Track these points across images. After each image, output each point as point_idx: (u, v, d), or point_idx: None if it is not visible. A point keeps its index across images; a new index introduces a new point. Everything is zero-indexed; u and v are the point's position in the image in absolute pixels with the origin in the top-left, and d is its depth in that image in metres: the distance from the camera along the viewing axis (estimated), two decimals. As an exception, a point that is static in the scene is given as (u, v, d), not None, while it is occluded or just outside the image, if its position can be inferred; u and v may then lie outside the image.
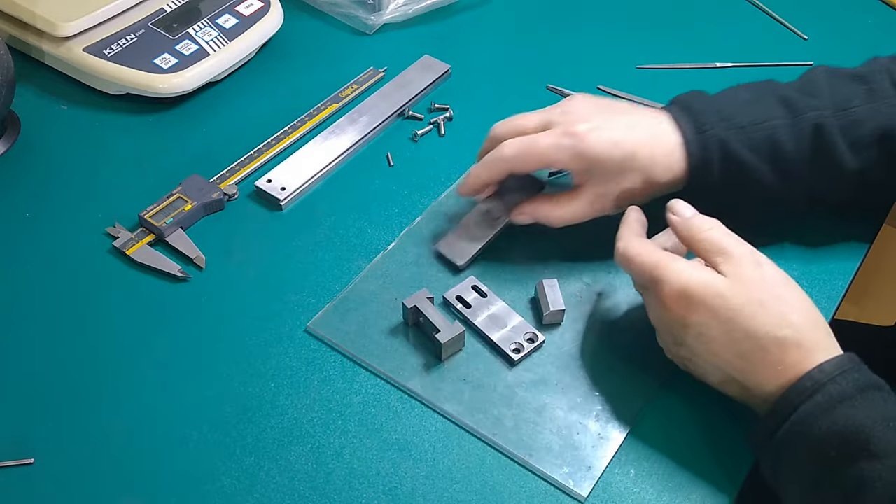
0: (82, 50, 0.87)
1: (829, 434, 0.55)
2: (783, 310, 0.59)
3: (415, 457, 0.63)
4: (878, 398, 0.56)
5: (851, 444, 0.54)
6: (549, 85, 0.91)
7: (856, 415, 0.55)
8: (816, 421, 0.56)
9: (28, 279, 0.74)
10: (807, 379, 0.57)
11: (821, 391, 0.56)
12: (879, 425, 0.54)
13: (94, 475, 0.62)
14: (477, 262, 0.74)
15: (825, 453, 0.55)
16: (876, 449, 0.53)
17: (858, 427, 0.54)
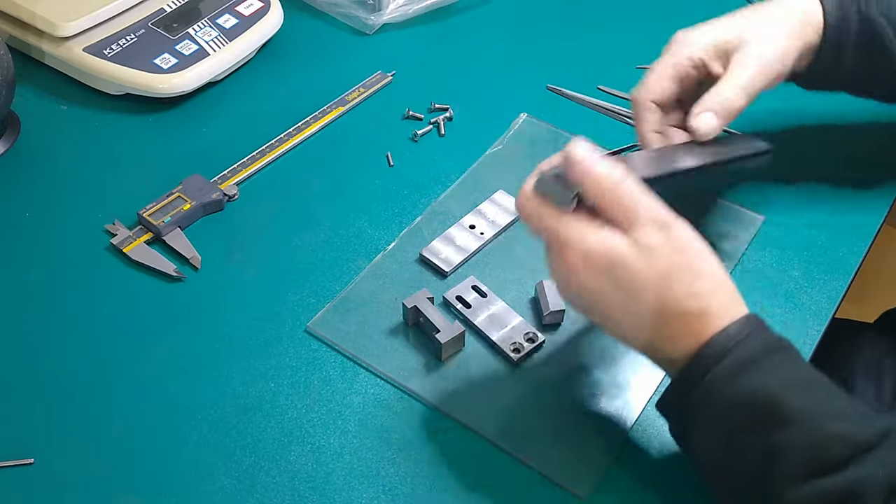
0: (82, 50, 0.87)
1: (737, 401, 0.54)
2: (689, 279, 0.56)
3: (415, 457, 0.63)
4: (785, 360, 0.55)
5: (761, 411, 0.53)
6: (549, 85, 0.91)
7: (763, 380, 0.54)
8: (724, 388, 0.54)
9: (28, 279, 0.74)
10: (713, 344, 0.55)
11: (727, 356, 0.54)
12: (788, 390, 0.53)
13: (94, 475, 0.62)
14: (477, 263, 0.74)
15: (735, 421, 0.54)
16: (785, 415, 0.52)
17: (766, 393, 0.53)
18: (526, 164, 0.82)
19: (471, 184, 0.81)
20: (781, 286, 0.73)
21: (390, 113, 0.88)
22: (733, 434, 0.54)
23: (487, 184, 0.80)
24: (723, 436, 0.55)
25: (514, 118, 0.87)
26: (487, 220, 0.77)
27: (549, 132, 0.86)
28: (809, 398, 0.53)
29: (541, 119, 0.87)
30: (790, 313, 0.71)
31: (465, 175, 0.82)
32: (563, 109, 0.88)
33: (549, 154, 0.83)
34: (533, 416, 0.65)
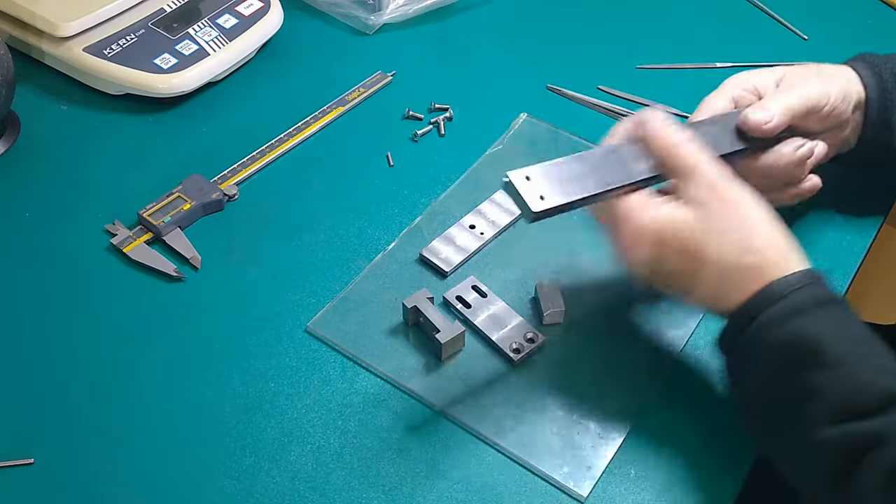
0: (82, 50, 0.87)
1: (784, 342, 0.57)
2: (744, 235, 0.60)
3: (415, 457, 0.63)
4: (836, 313, 0.58)
5: (805, 353, 0.56)
6: (549, 85, 0.91)
7: (810, 326, 0.57)
8: (774, 329, 0.57)
9: (28, 279, 0.74)
10: (768, 290, 0.58)
11: (779, 302, 0.58)
12: (833, 338, 0.56)
13: (94, 475, 0.62)
14: (477, 263, 0.74)
15: (780, 360, 0.57)
16: (827, 359, 0.55)
17: (812, 337, 0.56)
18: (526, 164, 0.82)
19: (471, 184, 0.81)
20: (781, 286, 0.73)
21: (390, 113, 0.88)
22: (777, 372, 0.57)
23: (487, 184, 0.80)
24: (768, 373, 0.58)
25: (514, 118, 0.87)
26: (487, 220, 0.77)
27: (549, 132, 0.86)
28: (852, 349, 0.56)
29: (541, 119, 0.87)
30: (790, 313, 0.71)
31: (465, 175, 0.82)
32: (563, 109, 0.88)
33: (549, 154, 0.83)
34: (533, 416, 0.65)
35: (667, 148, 0.62)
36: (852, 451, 0.53)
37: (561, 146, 0.84)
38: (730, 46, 0.96)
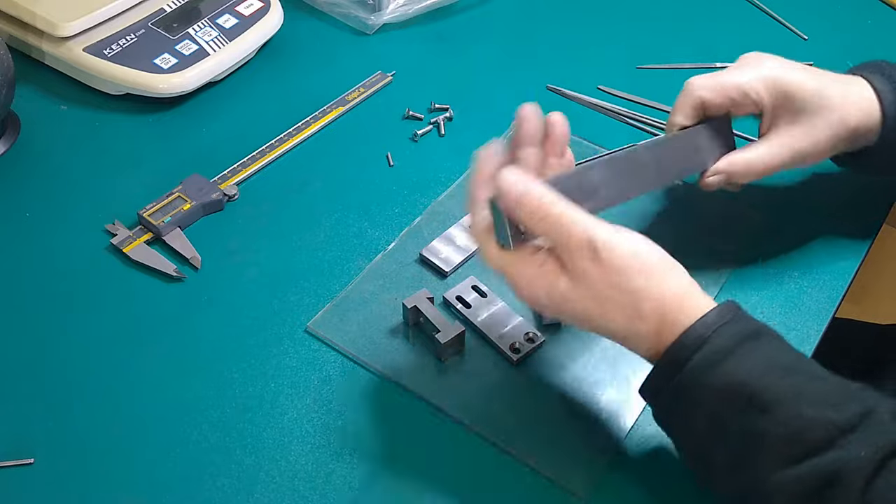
0: (82, 50, 0.87)
1: (715, 391, 0.54)
2: (632, 300, 0.56)
3: (415, 457, 0.63)
4: (761, 346, 0.55)
5: (739, 400, 0.53)
6: (549, 85, 0.91)
7: (739, 368, 0.54)
8: (702, 378, 0.54)
9: (28, 279, 0.74)
10: (683, 340, 0.55)
11: (700, 350, 0.54)
12: (764, 377, 0.53)
13: (94, 475, 0.62)
14: (477, 262, 0.74)
15: (714, 409, 0.54)
16: (763, 402, 0.52)
17: (743, 382, 0.53)
18: (526, 164, 0.82)
19: (471, 184, 0.81)
20: (781, 286, 0.73)
21: (390, 113, 0.88)
22: (713, 422, 0.54)
23: (487, 184, 0.80)
24: (703, 424, 0.55)
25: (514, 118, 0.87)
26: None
27: (549, 132, 0.86)
28: (787, 384, 0.53)
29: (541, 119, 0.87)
30: (790, 313, 0.71)
31: (465, 175, 0.82)
32: (563, 109, 0.88)
33: (549, 154, 0.83)
34: (533, 416, 0.65)
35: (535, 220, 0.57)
36: (809, 492, 0.50)
37: (561, 146, 0.84)
38: (730, 46, 0.96)
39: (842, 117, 0.67)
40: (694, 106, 0.69)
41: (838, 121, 0.67)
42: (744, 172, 0.69)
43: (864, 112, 0.68)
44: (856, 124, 0.68)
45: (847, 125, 0.68)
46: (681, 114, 0.69)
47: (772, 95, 0.68)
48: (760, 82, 0.68)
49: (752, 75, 0.68)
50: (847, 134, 0.68)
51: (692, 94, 0.68)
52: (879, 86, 0.68)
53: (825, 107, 0.67)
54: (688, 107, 0.69)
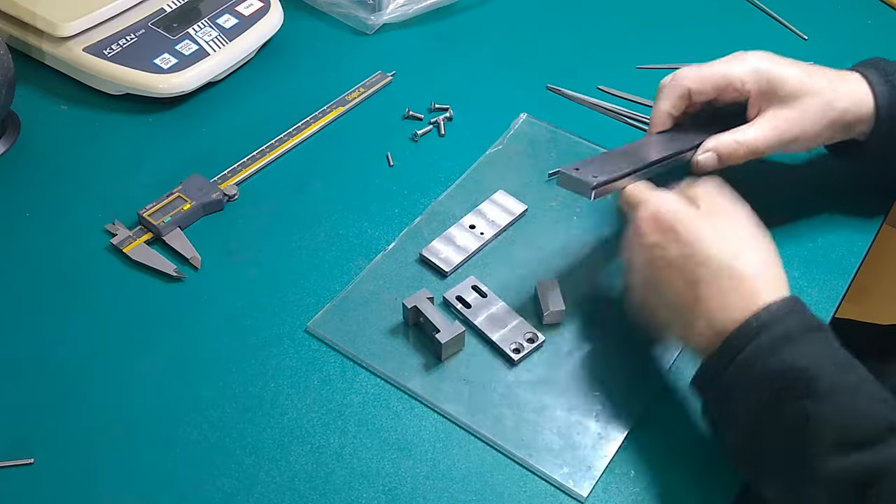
0: (82, 50, 0.87)
1: (774, 372, 0.55)
2: (741, 245, 0.61)
3: (415, 457, 0.63)
4: (822, 339, 0.57)
5: (798, 384, 0.55)
6: (548, 85, 0.91)
7: (801, 354, 0.56)
8: (762, 360, 0.56)
9: (28, 279, 0.74)
10: (753, 319, 0.57)
11: (766, 331, 0.56)
12: (823, 366, 0.55)
13: (94, 475, 0.62)
14: (477, 262, 0.74)
15: (772, 392, 0.55)
16: (820, 388, 0.54)
17: (803, 366, 0.55)
18: (526, 164, 0.82)
19: (471, 184, 0.81)
20: (781, 286, 0.73)
21: (390, 113, 0.88)
22: (770, 405, 0.55)
23: (487, 184, 0.80)
24: (759, 406, 0.56)
25: (514, 118, 0.87)
26: (487, 220, 0.77)
27: (549, 132, 0.86)
28: (845, 376, 0.55)
29: (541, 119, 0.87)
30: (790, 313, 0.71)
31: (465, 175, 0.82)
32: (563, 109, 0.88)
33: (549, 154, 0.84)
34: (533, 417, 0.65)
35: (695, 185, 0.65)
36: (854, 483, 0.52)
37: (561, 146, 0.84)
38: (730, 46, 0.96)
39: (828, 101, 0.69)
40: (681, 95, 0.72)
41: (825, 104, 0.69)
42: (732, 151, 0.71)
43: (854, 100, 0.70)
44: (844, 109, 0.70)
45: (835, 109, 0.69)
46: (667, 101, 0.72)
47: (757, 83, 0.70)
48: (745, 72, 0.70)
49: (737, 65, 0.71)
50: (836, 118, 0.70)
51: (679, 83, 0.71)
52: (873, 78, 0.71)
53: (811, 91, 0.69)
54: (675, 96, 0.72)
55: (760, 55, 0.71)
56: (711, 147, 0.71)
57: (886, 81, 0.70)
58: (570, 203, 0.79)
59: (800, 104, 0.69)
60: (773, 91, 0.69)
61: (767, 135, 0.70)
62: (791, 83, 0.69)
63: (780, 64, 0.70)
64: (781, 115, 0.69)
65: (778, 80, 0.69)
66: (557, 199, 0.79)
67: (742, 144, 0.70)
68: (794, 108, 0.69)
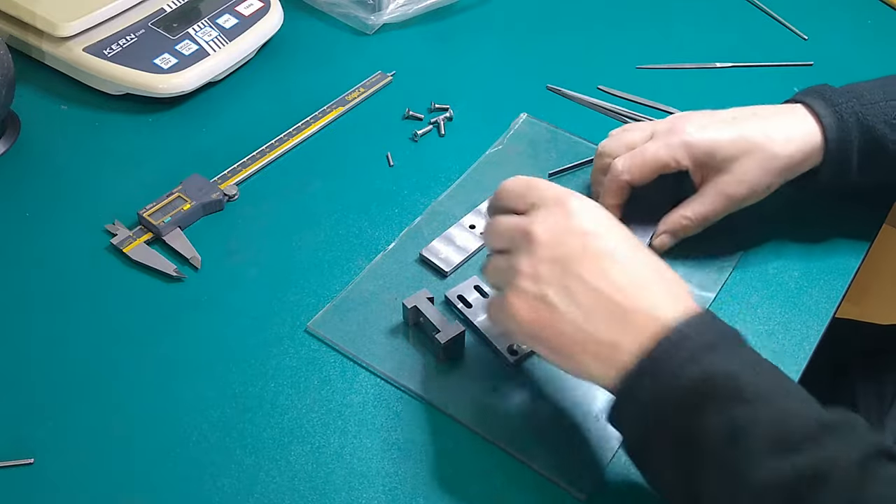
0: (82, 50, 0.87)
1: (698, 382, 0.52)
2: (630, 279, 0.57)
3: (415, 457, 0.63)
4: (741, 346, 0.55)
5: (723, 391, 0.52)
6: (548, 85, 0.91)
7: (722, 362, 0.53)
8: (683, 372, 0.53)
9: (28, 279, 0.74)
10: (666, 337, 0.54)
11: (685, 343, 0.53)
12: (749, 372, 0.53)
13: (94, 475, 0.62)
14: (477, 263, 0.74)
15: (696, 403, 0.52)
16: (748, 393, 0.51)
17: (727, 374, 0.52)
18: (526, 164, 0.82)
19: (471, 184, 0.81)
20: (781, 286, 0.73)
21: (390, 113, 0.88)
22: (695, 417, 0.52)
23: (487, 184, 0.80)
24: (684, 421, 0.53)
25: (514, 118, 0.87)
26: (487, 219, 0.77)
27: (549, 132, 0.86)
28: (769, 381, 0.53)
29: (541, 119, 0.87)
30: (790, 313, 0.71)
31: (465, 175, 0.82)
32: (563, 109, 0.88)
33: (549, 154, 0.84)
34: (533, 417, 0.65)
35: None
36: (790, 488, 0.49)
37: (561, 146, 0.84)
38: (730, 46, 0.96)
39: (768, 155, 0.69)
40: (621, 188, 0.72)
41: (765, 159, 0.69)
42: (684, 227, 0.72)
43: (798, 143, 0.69)
44: (789, 155, 0.69)
45: (778, 158, 0.69)
46: (611, 197, 0.73)
47: (692, 158, 0.70)
48: (677, 150, 0.70)
49: (668, 149, 0.71)
50: (782, 166, 0.70)
51: (617, 178, 0.72)
52: (819, 110, 0.70)
53: (747, 151, 0.69)
54: (616, 189, 0.73)
55: (693, 125, 0.71)
56: (663, 231, 0.73)
57: (834, 112, 0.70)
58: (570, 203, 0.79)
59: (739, 167, 0.69)
60: (709, 160, 0.70)
61: (715, 203, 0.71)
62: (724, 150, 0.69)
63: (709, 133, 0.70)
64: (723, 181, 0.70)
65: (711, 150, 0.70)
66: (557, 199, 0.79)
67: (692, 220, 0.72)
68: (735, 172, 0.70)
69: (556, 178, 0.80)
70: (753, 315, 0.71)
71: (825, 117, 0.70)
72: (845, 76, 0.75)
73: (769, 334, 0.70)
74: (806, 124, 0.70)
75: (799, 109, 0.71)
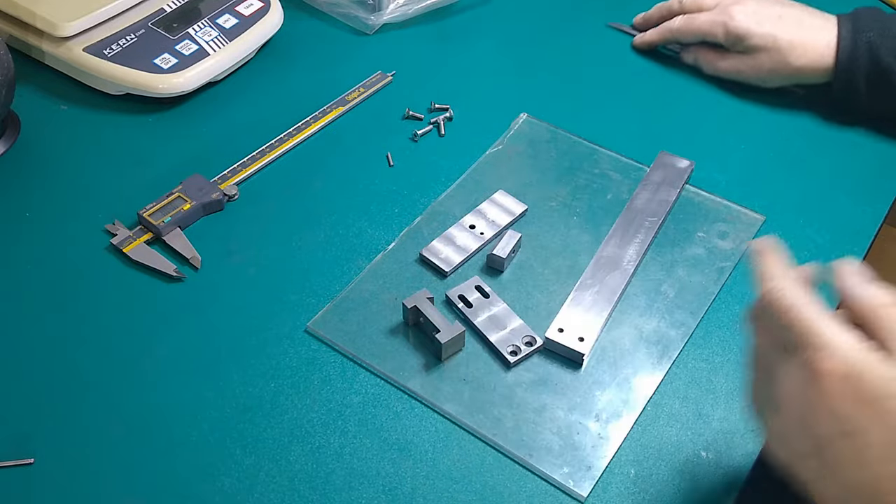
0: (82, 50, 0.87)
1: None
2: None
3: (415, 457, 0.63)
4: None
5: None
6: (610, 23, 0.96)
7: None
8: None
9: (27, 279, 0.74)
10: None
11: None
12: None
13: (94, 475, 0.62)
14: (477, 263, 0.74)
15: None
16: None
17: None
18: (526, 164, 0.83)
19: (471, 184, 0.81)
20: (781, 286, 0.73)
21: (390, 113, 0.88)
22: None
23: (487, 184, 0.80)
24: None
25: (514, 118, 0.87)
26: (487, 220, 0.77)
27: (549, 132, 0.86)
28: None
29: (541, 119, 0.87)
30: (790, 313, 0.71)
31: (465, 175, 0.82)
32: (563, 109, 0.88)
33: (549, 154, 0.84)
34: (533, 417, 0.65)
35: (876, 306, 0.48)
36: None
37: (561, 146, 0.84)
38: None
39: (785, 59, 0.83)
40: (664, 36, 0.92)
41: (780, 62, 0.83)
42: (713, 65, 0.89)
43: (812, 58, 0.82)
44: (800, 67, 0.83)
45: (790, 66, 0.83)
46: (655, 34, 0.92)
47: (726, 35, 0.86)
48: (719, 27, 0.86)
49: (711, 25, 0.87)
50: (791, 73, 0.84)
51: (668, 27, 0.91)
52: (844, 33, 0.81)
53: (769, 48, 0.83)
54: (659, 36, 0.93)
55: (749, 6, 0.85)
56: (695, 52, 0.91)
57: (853, 38, 0.80)
58: (569, 203, 0.79)
59: (756, 58, 0.85)
60: (737, 42, 0.85)
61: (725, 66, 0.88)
62: (752, 40, 0.84)
63: (755, 18, 0.84)
64: (741, 60, 0.86)
65: (742, 36, 0.84)
66: (557, 198, 0.79)
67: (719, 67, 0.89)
68: (750, 59, 0.85)
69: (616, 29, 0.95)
70: (753, 315, 0.71)
71: (844, 40, 0.80)
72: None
73: (769, 334, 0.70)
74: (827, 43, 0.82)
75: (830, 28, 0.82)
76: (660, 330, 0.70)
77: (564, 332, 0.68)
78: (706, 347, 0.69)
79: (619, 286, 0.71)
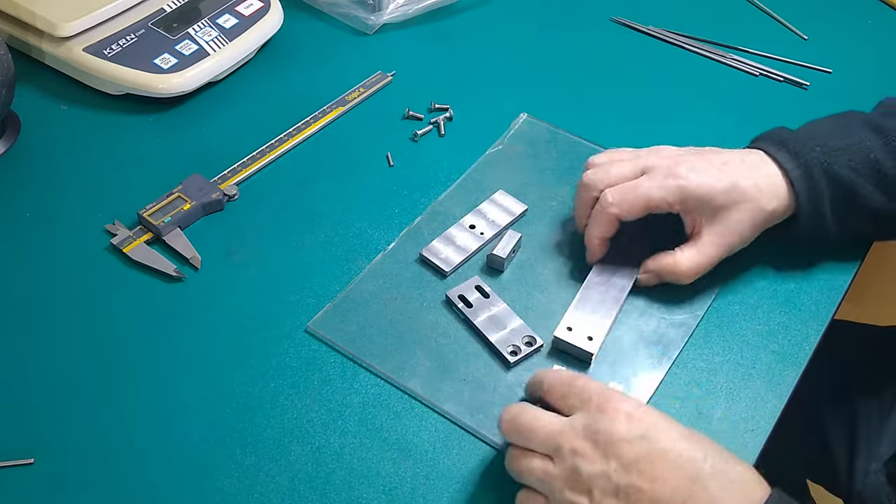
0: (82, 50, 0.87)
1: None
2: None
3: (415, 457, 0.63)
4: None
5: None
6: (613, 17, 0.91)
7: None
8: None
9: (28, 279, 0.74)
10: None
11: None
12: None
13: (94, 475, 0.62)
14: (477, 263, 0.74)
15: None
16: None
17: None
18: (526, 164, 0.83)
19: (471, 184, 0.81)
20: (781, 286, 0.73)
21: (390, 113, 0.88)
22: None
23: (487, 184, 0.80)
24: None
25: (514, 118, 0.87)
26: (487, 220, 0.77)
27: (549, 132, 0.86)
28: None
29: (541, 119, 0.87)
30: (790, 313, 0.71)
31: (465, 175, 0.82)
32: (563, 109, 0.88)
33: (549, 154, 0.84)
34: (533, 417, 0.65)
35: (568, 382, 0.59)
36: None
37: (561, 146, 0.84)
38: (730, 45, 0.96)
39: (758, 206, 0.69)
40: (609, 221, 0.70)
41: (756, 209, 0.69)
42: (670, 272, 0.70)
43: (776, 195, 0.69)
44: (772, 210, 0.69)
45: (764, 211, 0.69)
46: (597, 227, 0.71)
47: (684, 202, 0.69)
48: (672, 193, 0.68)
49: (662, 190, 0.69)
50: (766, 218, 0.70)
51: (606, 211, 0.70)
52: (785, 164, 0.69)
53: (740, 200, 0.68)
54: (604, 222, 0.70)
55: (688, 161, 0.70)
56: (650, 268, 0.71)
57: (798, 165, 0.69)
58: (570, 203, 0.79)
59: (732, 217, 0.69)
60: (702, 207, 0.69)
61: (709, 252, 0.70)
62: (719, 199, 0.68)
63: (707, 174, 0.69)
64: (718, 232, 0.69)
65: (706, 198, 0.68)
66: (557, 198, 0.79)
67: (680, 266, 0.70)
68: (730, 221, 0.69)
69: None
70: (753, 315, 0.71)
71: (792, 170, 0.69)
72: (845, 76, 0.75)
73: (769, 334, 0.70)
74: (775, 180, 0.69)
75: (766, 161, 0.70)
76: (660, 330, 0.70)
77: (573, 331, 0.68)
78: (706, 347, 0.69)
79: (626, 285, 0.71)
